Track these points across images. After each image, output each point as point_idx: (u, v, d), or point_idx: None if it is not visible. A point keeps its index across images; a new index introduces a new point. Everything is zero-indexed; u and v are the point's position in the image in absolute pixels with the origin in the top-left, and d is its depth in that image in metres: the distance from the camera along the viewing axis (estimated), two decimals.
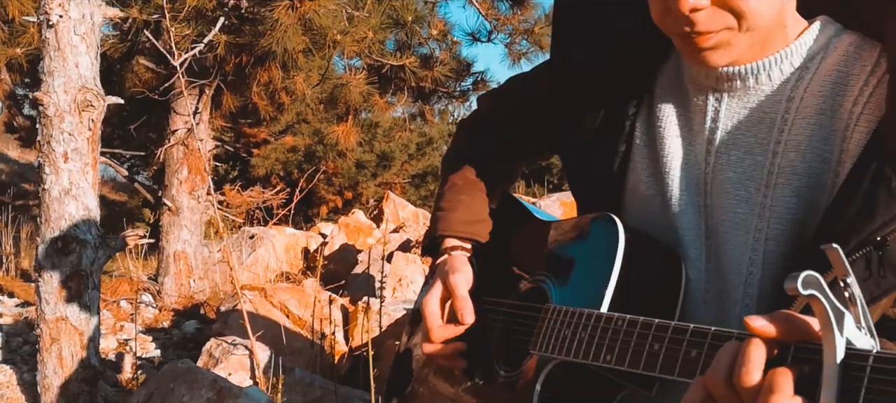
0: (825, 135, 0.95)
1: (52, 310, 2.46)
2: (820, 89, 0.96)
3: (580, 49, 1.14)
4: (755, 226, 0.98)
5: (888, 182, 0.85)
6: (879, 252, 0.85)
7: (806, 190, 0.95)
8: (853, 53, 0.97)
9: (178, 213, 4.53)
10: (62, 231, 2.46)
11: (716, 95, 1.02)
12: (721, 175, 1.01)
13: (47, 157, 2.46)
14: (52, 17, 2.43)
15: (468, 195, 1.26)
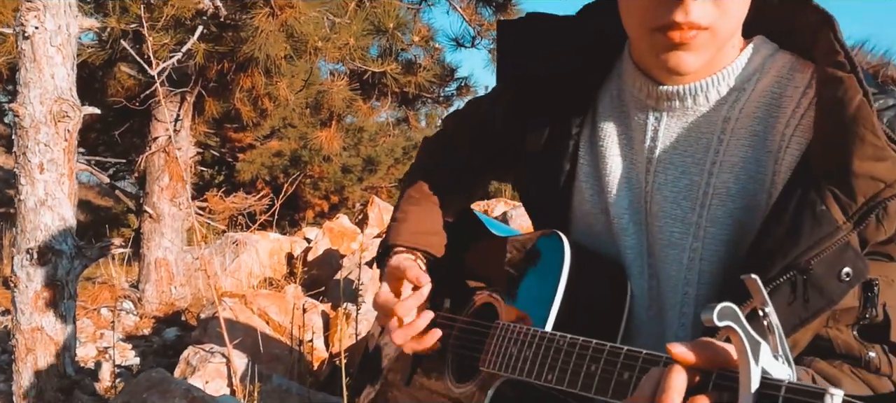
0: (759, 157, 0.97)
1: (28, 320, 2.47)
2: (754, 111, 0.98)
3: (523, 71, 1.15)
4: (690, 246, 1.00)
5: (813, 206, 0.87)
6: (804, 276, 0.87)
7: (740, 211, 0.97)
8: (787, 75, 0.99)
9: (159, 220, 4.53)
10: (38, 241, 2.47)
11: (655, 114, 1.04)
12: (659, 194, 1.03)
13: (23, 168, 2.47)
14: (28, 28, 2.45)
15: (422, 207, 1.28)
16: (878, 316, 0.91)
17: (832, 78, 0.90)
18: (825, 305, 0.87)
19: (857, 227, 0.86)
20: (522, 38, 1.17)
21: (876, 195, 0.85)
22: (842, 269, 0.86)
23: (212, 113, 5.76)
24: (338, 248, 6.62)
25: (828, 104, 0.90)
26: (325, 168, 12.14)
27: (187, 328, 4.33)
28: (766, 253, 0.89)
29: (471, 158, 1.30)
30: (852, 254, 0.86)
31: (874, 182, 0.85)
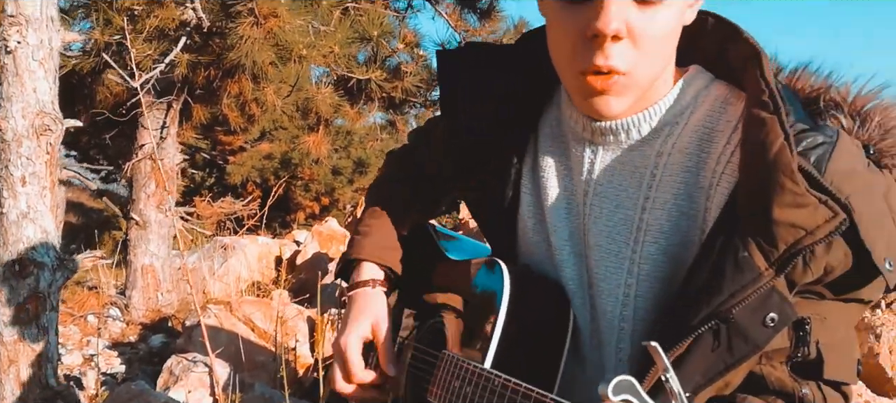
0: (690, 193, 0.97)
1: (11, 333, 2.49)
2: (686, 146, 0.98)
3: (466, 102, 1.15)
4: (625, 282, 1.00)
5: (736, 253, 0.87)
6: (726, 324, 0.87)
7: (673, 248, 0.97)
8: (719, 108, 0.99)
9: (145, 227, 4.56)
10: (20, 254, 2.49)
11: (591, 147, 1.04)
12: (595, 227, 1.04)
13: (5, 181, 2.49)
14: (10, 43, 2.47)
15: (383, 221, 1.28)
16: (811, 353, 0.92)
17: (756, 118, 0.90)
18: (750, 351, 0.87)
19: (779, 273, 0.86)
20: (462, 68, 1.17)
21: (797, 242, 0.85)
22: (767, 315, 0.86)
23: (199, 119, 5.79)
24: (326, 252, 6.65)
25: (751, 146, 0.91)
26: (315, 170, 12.17)
27: (174, 334, 4.36)
28: (691, 300, 0.89)
29: (431, 175, 1.31)
30: (778, 299, 0.86)
31: (794, 229, 0.85)
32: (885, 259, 0.87)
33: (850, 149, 0.91)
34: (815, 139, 0.90)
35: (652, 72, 0.94)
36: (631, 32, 0.90)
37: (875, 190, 0.89)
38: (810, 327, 0.91)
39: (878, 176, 0.91)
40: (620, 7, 0.88)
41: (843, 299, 0.92)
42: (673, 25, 0.93)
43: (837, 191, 0.86)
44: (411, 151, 1.39)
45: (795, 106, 0.95)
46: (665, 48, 0.94)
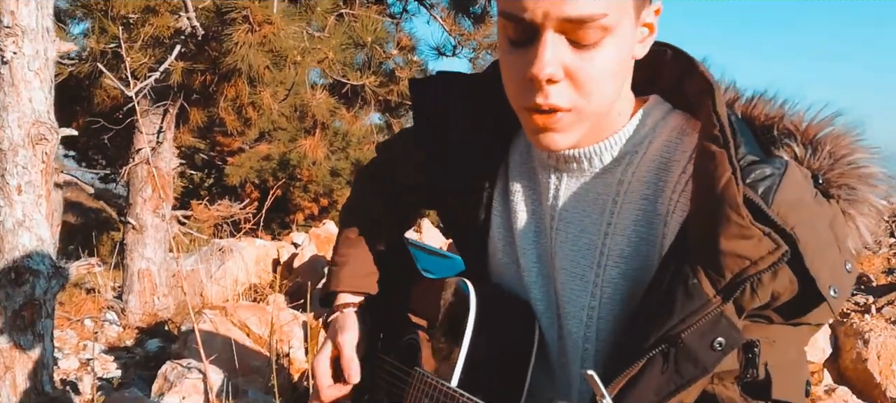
0: (649, 220, 1.00)
1: (7, 339, 2.52)
2: (645, 174, 1.01)
3: (440, 128, 1.18)
4: (589, 304, 1.04)
5: (686, 280, 0.90)
6: (675, 348, 0.90)
7: (634, 272, 1.00)
8: (675, 139, 1.02)
9: (142, 232, 4.59)
10: (16, 262, 2.52)
11: (556, 174, 1.08)
12: (560, 251, 1.07)
13: (1, 190, 2.53)
14: (7, 54, 2.50)
15: (359, 248, 1.31)
16: (760, 375, 0.95)
17: (707, 151, 0.93)
18: (699, 374, 0.90)
19: (727, 300, 0.89)
20: (435, 96, 1.21)
21: (742, 271, 0.88)
22: (715, 339, 0.89)
23: (196, 122, 5.83)
24: (324, 254, 6.68)
25: (701, 178, 0.94)
26: (313, 171, 12.19)
27: (170, 339, 4.39)
28: (644, 324, 0.93)
29: (400, 192, 1.34)
30: (725, 324, 0.89)
31: (740, 259, 0.88)
32: (829, 286, 0.89)
33: (798, 179, 0.93)
34: (764, 171, 0.92)
35: (597, 107, 0.97)
36: (569, 74, 0.92)
37: (821, 219, 0.92)
38: (759, 349, 0.94)
39: (824, 206, 0.94)
40: (556, 52, 0.91)
41: (792, 323, 0.95)
42: (615, 64, 0.95)
43: (783, 222, 0.88)
44: (381, 166, 1.41)
45: (747, 137, 0.97)
46: (608, 85, 0.96)
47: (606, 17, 0.90)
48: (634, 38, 0.97)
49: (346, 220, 1.36)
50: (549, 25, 0.90)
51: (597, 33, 0.91)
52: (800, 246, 0.88)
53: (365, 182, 1.42)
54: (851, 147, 0.99)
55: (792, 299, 0.91)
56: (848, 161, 0.98)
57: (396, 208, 1.36)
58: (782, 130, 1.02)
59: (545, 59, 0.90)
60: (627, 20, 0.94)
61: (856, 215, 0.96)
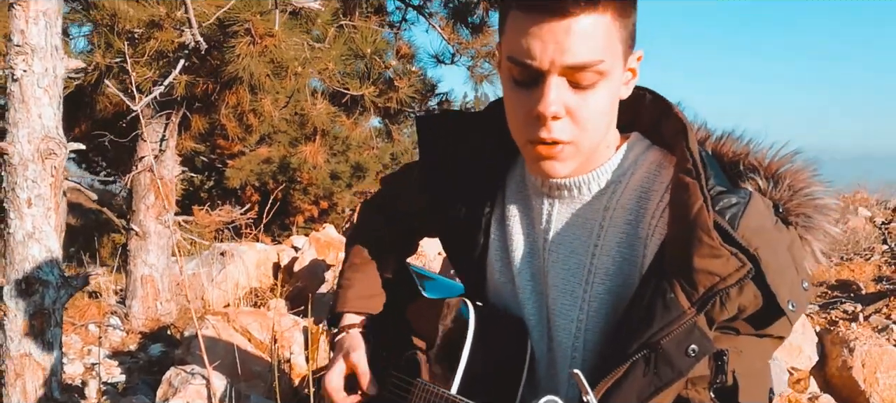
0: (631, 242, 1.13)
1: (17, 347, 2.61)
2: (628, 202, 1.14)
3: (443, 160, 1.32)
4: (577, 318, 1.16)
5: (664, 294, 1.03)
6: (655, 353, 1.03)
7: (618, 288, 1.13)
8: (654, 171, 1.15)
9: (145, 238, 4.68)
10: (26, 272, 2.61)
11: (549, 201, 1.20)
12: (552, 270, 1.20)
13: (12, 203, 2.61)
14: (17, 72, 2.59)
15: (364, 272, 1.44)
16: (729, 381, 1.06)
17: (681, 183, 1.06)
18: (675, 376, 1.02)
19: (700, 312, 1.01)
20: (439, 131, 1.34)
21: (713, 286, 1.01)
22: (689, 346, 1.01)
23: (198, 128, 5.92)
24: (324, 258, 6.76)
25: (677, 206, 1.06)
26: (313, 174, 12.27)
27: (173, 343, 4.47)
28: (628, 332, 1.05)
29: (404, 220, 1.47)
30: (698, 334, 1.02)
31: (711, 275, 1.01)
32: (788, 301, 1.02)
33: (760, 208, 1.06)
34: (730, 200, 1.05)
35: (591, 141, 1.10)
36: (569, 112, 1.06)
37: (780, 243, 1.05)
38: (727, 358, 1.06)
39: (783, 232, 1.07)
40: (559, 92, 1.04)
41: (757, 335, 1.07)
42: (606, 104, 1.09)
43: (747, 244, 1.01)
44: (386, 197, 1.54)
45: (716, 170, 1.11)
46: (601, 122, 1.09)
47: (602, 63, 1.03)
48: (621, 81, 1.10)
49: (352, 246, 1.49)
50: (553, 71, 1.02)
51: (593, 77, 1.04)
52: (762, 266, 1.00)
53: (370, 212, 1.55)
54: (808, 181, 1.13)
55: (756, 312, 1.03)
56: (805, 193, 1.11)
57: (399, 236, 1.49)
58: (748, 165, 1.16)
59: (550, 99, 1.03)
60: (618, 66, 1.07)
61: (812, 240, 1.10)
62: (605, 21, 1.03)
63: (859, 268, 5.40)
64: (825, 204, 1.12)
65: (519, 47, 1.04)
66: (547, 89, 1.03)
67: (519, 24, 1.04)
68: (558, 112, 1.04)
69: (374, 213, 1.54)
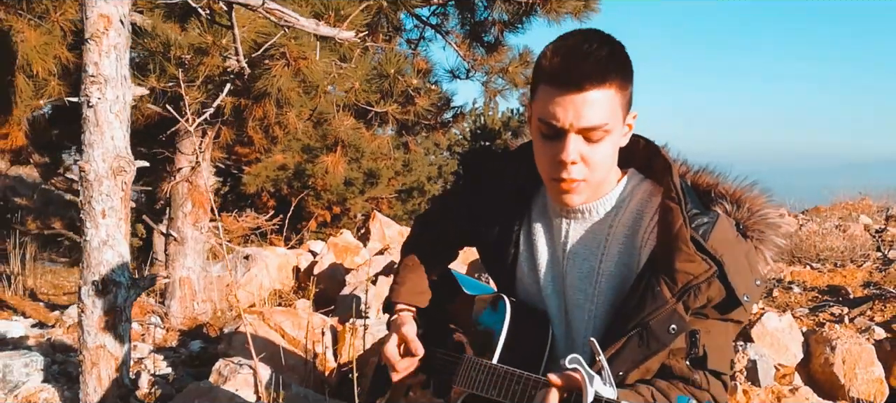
0: (629, 251, 1.51)
1: (93, 340, 2.98)
2: (627, 221, 1.52)
3: (482, 188, 1.70)
4: (588, 309, 1.54)
5: (653, 288, 1.40)
6: (645, 330, 1.39)
7: (619, 285, 1.50)
8: (646, 199, 1.53)
9: (183, 243, 5.05)
10: (101, 275, 2.97)
11: (567, 221, 1.58)
12: (570, 274, 1.57)
13: (89, 214, 2.98)
14: (92, 99, 2.95)
15: (414, 273, 1.82)
16: (700, 352, 1.43)
17: (667, 207, 1.44)
18: (660, 347, 1.39)
19: (678, 301, 1.38)
20: (479, 166, 1.73)
21: (689, 282, 1.38)
22: (670, 326, 1.38)
23: (226, 139, 6.30)
24: (342, 262, 7.14)
25: (663, 224, 1.44)
26: (327, 180, 12.61)
27: (209, 340, 4.84)
28: (626, 316, 1.43)
29: (447, 235, 1.85)
30: (677, 317, 1.38)
31: (687, 274, 1.38)
32: (743, 294, 1.39)
33: (725, 225, 1.44)
34: (702, 220, 1.43)
35: (599, 179, 1.49)
36: (583, 158, 1.44)
37: (739, 252, 1.43)
38: (699, 336, 1.42)
39: (742, 243, 1.45)
40: (576, 145, 1.43)
41: (722, 319, 1.44)
42: (610, 152, 1.47)
43: (714, 252, 1.39)
44: (434, 214, 1.93)
45: (693, 197, 1.49)
46: (606, 164, 1.48)
47: (607, 124, 1.41)
48: (621, 135, 1.49)
49: (406, 252, 1.87)
50: (572, 130, 1.41)
51: (601, 134, 1.42)
52: (725, 268, 1.38)
53: (421, 225, 1.94)
54: (763, 205, 1.52)
55: (720, 302, 1.41)
56: (760, 214, 1.50)
57: (443, 247, 1.87)
58: (718, 193, 1.54)
59: (569, 151, 1.42)
60: (618, 125, 1.45)
61: (764, 249, 1.48)
62: (610, 94, 1.40)
63: (851, 274, 5.72)
64: (776, 222, 1.49)
65: (547, 112, 1.42)
66: (567, 143, 1.41)
67: (547, 95, 1.42)
68: (575, 159, 1.42)
69: (424, 227, 1.92)
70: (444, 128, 7.03)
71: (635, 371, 1.42)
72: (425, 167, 15.59)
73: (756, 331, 3.78)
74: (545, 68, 1.43)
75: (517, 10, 5.64)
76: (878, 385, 3.58)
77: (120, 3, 2.99)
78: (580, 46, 1.41)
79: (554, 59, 1.42)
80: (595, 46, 1.41)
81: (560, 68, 1.40)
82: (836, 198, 10.79)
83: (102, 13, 2.95)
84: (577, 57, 1.39)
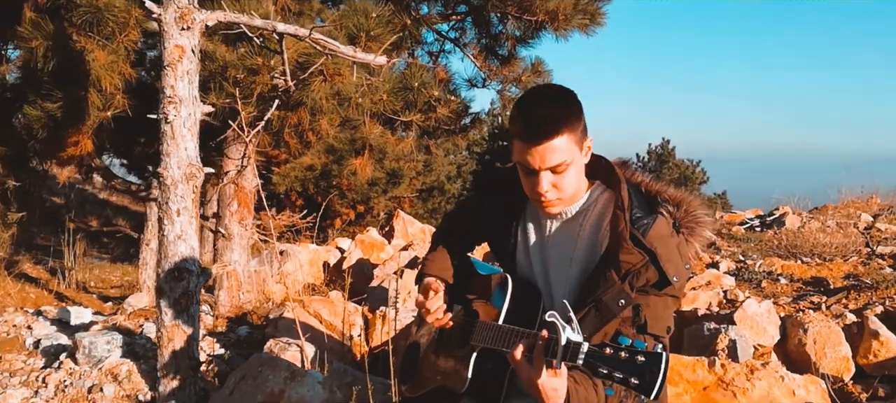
0: (593, 244, 2.03)
1: (169, 319, 3.55)
2: (592, 223, 2.04)
3: (492, 196, 2.25)
4: (564, 285, 2.06)
5: (606, 273, 1.92)
6: (600, 304, 1.91)
7: (585, 269, 2.02)
8: (606, 204, 2.05)
9: (230, 239, 5.64)
10: (176, 264, 3.55)
11: (550, 221, 2.11)
12: (551, 259, 2.10)
13: (166, 213, 3.56)
14: (170, 116, 3.53)
15: (440, 255, 2.36)
16: (642, 321, 1.93)
17: (616, 213, 1.97)
18: (611, 317, 1.91)
19: (624, 282, 1.89)
20: (490, 179, 2.28)
21: (630, 269, 1.89)
22: (619, 301, 1.90)
23: (263, 144, 6.90)
24: (368, 258, 7.71)
25: (613, 226, 1.97)
26: (352, 181, 13.19)
27: (253, 326, 5.41)
28: (588, 292, 1.95)
29: (463, 232, 2.41)
30: (625, 294, 1.89)
31: (628, 263, 1.90)
32: (673, 275, 1.90)
33: (661, 224, 1.96)
34: (643, 221, 1.96)
35: (570, 194, 2.01)
36: (554, 185, 1.96)
37: (672, 244, 1.94)
38: (641, 308, 1.93)
39: (676, 237, 1.96)
40: (546, 178, 1.95)
41: (659, 294, 1.94)
42: (575, 174, 1.98)
43: (650, 245, 1.91)
44: (454, 216, 2.49)
45: (641, 200, 2.01)
46: (573, 183, 1.99)
47: (567, 159, 1.94)
48: (582, 160, 2.01)
49: (434, 241, 2.43)
50: (542, 169, 1.94)
51: (564, 167, 1.95)
52: (658, 257, 1.90)
53: (446, 222, 2.49)
54: (697, 208, 2.03)
55: (656, 282, 1.91)
56: (693, 215, 2.01)
57: (462, 239, 2.42)
58: (663, 198, 2.05)
59: (543, 185, 1.96)
60: (578, 156, 1.98)
61: (694, 241, 1.99)
62: (565, 138, 1.90)
63: (837, 267, 6.21)
64: (705, 221, 2.01)
65: (523, 158, 1.94)
66: (541, 179, 1.95)
67: (520, 148, 1.95)
68: (547, 189, 1.95)
69: (448, 224, 2.47)
70: (462, 133, 7.56)
71: (597, 335, 1.91)
72: (445, 167, 16.15)
73: (738, 315, 4.30)
74: (515, 129, 1.95)
75: (528, 27, 6.17)
76: (845, 363, 4.08)
77: (191, 36, 3.57)
78: (536, 110, 1.91)
79: (519, 123, 1.92)
80: (548, 108, 1.91)
81: (524, 130, 1.92)
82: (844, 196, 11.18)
83: (178, 44, 3.53)
84: (536, 120, 1.91)
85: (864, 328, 4.19)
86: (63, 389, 3.76)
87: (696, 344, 4.18)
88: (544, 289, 2.13)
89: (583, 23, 6.11)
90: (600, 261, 1.99)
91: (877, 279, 5.37)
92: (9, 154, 5.96)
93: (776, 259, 6.62)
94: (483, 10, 6.61)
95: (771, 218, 10.01)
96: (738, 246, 7.75)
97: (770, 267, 6.22)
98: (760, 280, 5.77)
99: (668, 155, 25.79)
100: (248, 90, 4.26)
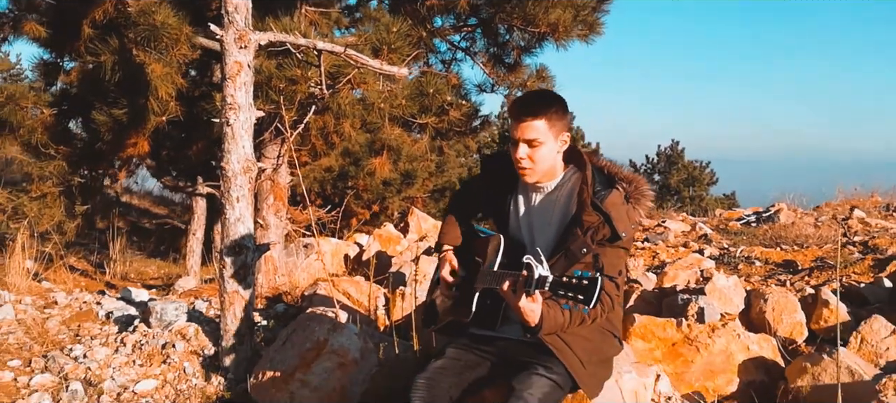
0: (566, 210, 2.74)
1: (231, 286, 4.30)
2: (565, 195, 2.76)
3: (492, 174, 2.97)
4: (543, 242, 2.77)
5: (573, 230, 2.65)
6: (567, 252, 2.64)
7: (560, 229, 2.74)
8: (576, 182, 2.76)
9: (267, 229, 6.39)
10: (235, 241, 4.30)
11: (535, 193, 2.83)
12: (535, 222, 2.82)
13: (227, 200, 4.31)
14: (231, 120, 4.28)
15: (453, 226, 3.08)
16: (600, 266, 2.59)
17: (582, 187, 2.70)
18: (576, 261, 2.62)
19: (585, 235, 2.62)
20: (491, 162, 3.00)
21: (590, 226, 2.62)
22: (582, 249, 2.62)
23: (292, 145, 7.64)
24: (386, 250, 8.45)
25: (580, 197, 2.70)
26: (368, 181, 13.94)
27: (289, 305, 6.16)
28: (560, 244, 2.68)
29: (469, 205, 3.14)
30: (586, 244, 2.62)
31: (588, 222, 2.63)
32: (622, 232, 2.63)
33: (615, 195, 2.68)
34: (602, 193, 2.69)
35: (542, 168, 2.73)
36: (528, 156, 2.69)
37: (622, 209, 2.66)
38: (599, 256, 2.64)
39: (626, 205, 2.68)
40: (524, 150, 2.68)
41: (612, 246, 2.66)
42: (547, 153, 2.71)
43: (606, 210, 2.64)
44: (462, 193, 3.21)
45: (602, 178, 2.74)
46: (546, 159, 2.71)
47: (539, 138, 2.68)
48: (556, 146, 2.74)
49: (447, 212, 3.15)
50: (520, 140, 2.68)
51: (537, 143, 2.68)
52: (611, 218, 2.63)
53: (455, 200, 3.22)
54: (642, 184, 2.76)
55: (609, 237, 2.64)
56: (639, 190, 2.74)
57: (468, 211, 3.14)
58: (620, 178, 2.78)
59: (519, 151, 2.70)
60: (550, 140, 2.71)
61: (639, 209, 2.71)
62: (541, 123, 2.63)
63: (811, 253, 6.89)
64: (649, 194, 2.73)
65: (511, 131, 2.68)
66: (518, 147, 2.67)
67: (512, 124, 2.68)
68: (523, 156, 2.67)
69: (456, 201, 3.20)
70: (473, 134, 8.29)
71: (567, 274, 2.64)
72: (457, 168, 16.87)
73: (708, 287, 5.01)
74: (510, 110, 2.69)
75: (532, 37, 6.91)
76: (799, 327, 4.77)
77: (248, 54, 4.32)
78: (527, 98, 2.67)
79: (514, 105, 2.68)
80: (535, 97, 2.66)
81: (515, 108, 2.67)
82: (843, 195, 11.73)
83: (237, 60, 4.28)
84: (523, 103, 2.67)
85: (817, 298, 4.89)
86: (140, 347, 4.51)
87: (671, 312, 4.89)
88: (529, 245, 2.85)
89: (582, 33, 6.84)
90: (570, 222, 2.71)
91: (844, 261, 6.05)
92: (71, 155, 6.74)
93: (759, 247, 7.30)
94: (491, 23, 7.36)
95: (766, 215, 10.63)
96: (730, 240, 8.41)
97: (750, 253, 6.90)
98: (738, 263, 6.46)
99: (678, 156, 26.42)
100: (290, 97, 5.01)
